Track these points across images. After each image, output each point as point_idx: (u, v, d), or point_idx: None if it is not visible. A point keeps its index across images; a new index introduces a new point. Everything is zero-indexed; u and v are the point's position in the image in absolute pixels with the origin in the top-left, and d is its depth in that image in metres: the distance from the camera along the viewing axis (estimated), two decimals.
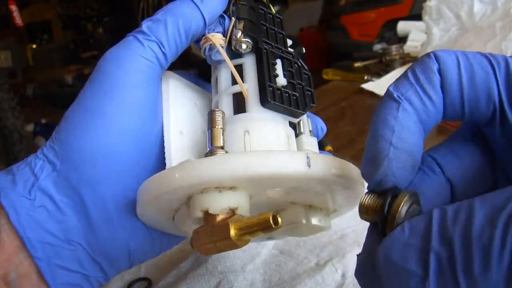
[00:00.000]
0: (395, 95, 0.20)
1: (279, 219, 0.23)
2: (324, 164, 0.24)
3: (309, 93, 0.32)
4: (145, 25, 0.31)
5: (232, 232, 0.23)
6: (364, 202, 0.20)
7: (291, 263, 0.43)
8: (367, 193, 0.21)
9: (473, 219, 0.16)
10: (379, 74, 1.02)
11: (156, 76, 0.31)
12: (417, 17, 1.10)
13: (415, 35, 1.17)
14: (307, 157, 0.24)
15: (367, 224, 0.22)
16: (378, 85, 0.95)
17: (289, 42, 0.35)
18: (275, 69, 0.31)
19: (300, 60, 0.34)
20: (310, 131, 0.34)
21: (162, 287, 0.42)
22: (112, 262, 0.30)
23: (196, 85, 0.37)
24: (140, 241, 0.31)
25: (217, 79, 0.33)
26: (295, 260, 0.43)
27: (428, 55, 0.20)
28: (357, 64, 1.10)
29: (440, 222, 0.16)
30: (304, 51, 0.36)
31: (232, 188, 0.25)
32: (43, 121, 2.15)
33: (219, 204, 0.24)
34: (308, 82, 0.33)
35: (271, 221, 0.22)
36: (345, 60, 1.41)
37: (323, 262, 0.42)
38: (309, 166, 0.24)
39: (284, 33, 0.35)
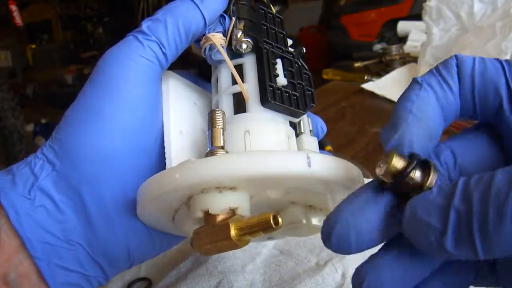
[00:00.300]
0: (419, 79, 0.22)
1: (280, 219, 0.23)
2: (325, 164, 0.24)
3: (310, 93, 0.32)
4: (145, 25, 0.31)
5: (233, 232, 0.23)
6: (392, 164, 0.20)
7: (291, 263, 0.43)
8: (386, 156, 0.21)
9: (493, 181, 0.17)
10: (379, 74, 1.02)
11: (156, 75, 0.31)
12: (417, 17, 1.10)
13: (415, 35, 1.18)
14: (308, 157, 0.24)
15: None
16: (378, 85, 0.95)
17: (290, 42, 0.35)
18: (275, 69, 0.31)
19: (300, 60, 0.34)
20: (310, 131, 0.34)
21: (162, 287, 0.42)
22: (112, 262, 0.30)
23: (196, 85, 0.37)
24: (140, 241, 0.31)
25: (217, 79, 0.33)
26: (295, 260, 0.43)
27: (450, 56, 0.23)
28: (357, 64, 1.10)
29: (464, 185, 0.18)
30: (305, 51, 0.36)
31: (232, 188, 0.25)
32: (43, 121, 2.15)
33: (220, 204, 0.24)
34: (309, 82, 0.33)
35: (271, 221, 0.22)
36: (345, 60, 1.41)
37: (323, 262, 0.42)
38: (309, 165, 0.24)
39: (284, 33, 0.35)
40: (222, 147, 0.26)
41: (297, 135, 0.32)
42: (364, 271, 0.21)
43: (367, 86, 0.96)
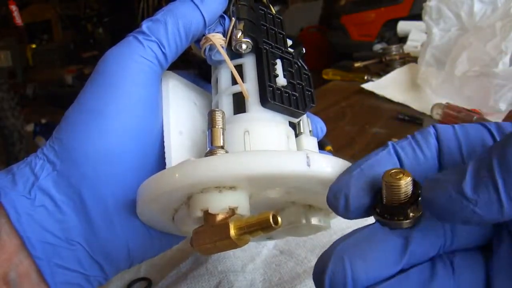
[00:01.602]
0: (389, 143, 0.23)
1: (279, 219, 0.23)
2: (324, 164, 0.24)
3: (309, 93, 0.32)
4: (145, 25, 0.31)
5: (232, 231, 0.23)
6: (402, 186, 0.20)
7: (291, 263, 0.43)
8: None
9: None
10: (379, 74, 1.03)
11: (156, 76, 0.31)
12: (417, 17, 1.10)
13: (415, 35, 1.18)
14: (307, 157, 0.24)
15: (367, 224, 0.22)
16: (378, 85, 0.95)
17: (289, 42, 0.35)
18: (275, 69, 0.31)
19: (300, 60, 0.34)
20: (310, 131, 0.34)
21: (162, 287, 0.42)
22: (111, 261, 0.30)
23: (196, 85, 0.37)
24: (140, 241, 0.31)
25: (217, 79, 0.33)
26: (295, 260, 0.43)
27: (428, 126, 0.23)
28: (357, 64, 1.11)
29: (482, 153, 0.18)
30: (304, 52, 0.36)
31: (232, 187, 0.25)
32: (43, 121, 2.15)
33: (219, 203, 0.24)
34: (308, 82, 0.33)
35: (271, 220, 0.22)
36: (345, 60, 1.41)
37: None
38: (309, 165, 0.24)
39: (284, 34, 0.35)
40: (222, 147, 0.26)
41: (296, 136, 0.32)
42: (328, 256, 0.21)
43: (367, 86, 0.96)
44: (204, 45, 0.32)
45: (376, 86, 0.95)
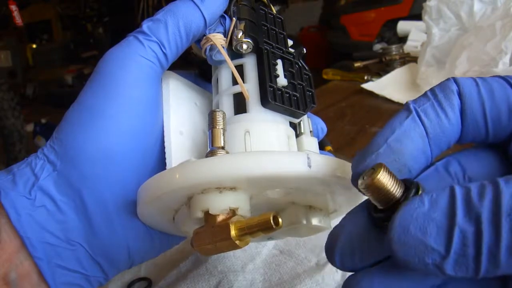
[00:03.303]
0: (411, 106, 0.20)
1: (280, 220, 0.23)
2: (325, 165, 0.24)
3: (310, 93, 0.32)
4: (146, 25, 0.30)
5: (233, 232, 0.23)
6: (382, 180, 0.18)
7: (291, 263, 0.43)
8: (379, 166, 0.19)
9: (501, 196, 0.15)
10: (379, 74, 1.02)
11: (157, 76, 0.31)
12: (417, 17, 1.10)
13: (415, 35, 1.18)
14: (308, 158, 0.24)
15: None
16: (378, 85, 0.95)
17: (290, 42, 0.35)
18: (275, 69, 0.31)
19: (300, 60, 0.34)
20: (310, 131, 0.34)
21: (162, 287, 0.42)
22: (112, 262, 0.30)
23: (196, 85, 0.37)
24: (140, 241, 0.31)
25: (217, 79, 0.33)
26: (295, 260, 0.43)
27: (447, 79, 0.21)
28: (357, 64, 1.10)
29: (465, 198, 0.16)
30: (305, 52, 0.36)
31: (232, 188, 0.25)
32: (43, 121, 2.15)
33: (220, 204, 0.24)
34: (309, 83, 0.33)
35: (271, 221, 0.22)
36: (345, 60, 1.41)
37: (323, 262, 0.42)
38: (309, 166, 0.24)
39: (284, 34, 0.35)
40: (223, 148, 0.26)
41: (297, 136, 0.32)
42: (357, 279, 0.20)
43: (367, 86, 0.96)
44: (205, 45, 0.32)
45: (376, 86, 0.95)
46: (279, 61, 0.32)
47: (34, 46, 3.27)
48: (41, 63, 3.20)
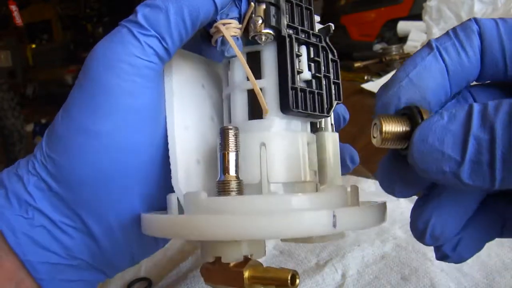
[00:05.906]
0: (433, 44, 0.21)
1: (297, 280, 0.22)
2: (351, 222, 0.22)
3: (336, 86, 0.29)
4: (142, 13, 0.25)
5: (246, 281, 0.22)
6: (388, 129, 0.19)
7: (291, 263, 0.43)
8: (378, 120, 0.20)
9: None
10: (379, 74, 1.02)
11: (157, 76, 0.27)
12: (417, 17, 1.10)
13: (415, 35, 1.17)
14: (334, 216, 0.22)
15: None
16: (378, 85, 0.95)
17: (317, 18, 0.31)
18: (299, 61, 0.27)
19: (328, 42, 0.30)
20: (331, 124, 0.31)
21: (162, 287, 0.42)
22: (114, 267, 0.30)
23: (202, 56, 0.32)
24: (145, 247, 0.30)
25: (229, 64, 0.29)
26: (295, 260, 0.43)
27: (469, 19, 0.22)
28: (357, 64, 1.10)
29: (482, 111, 0.16)
30: (333, 29, 0.30)
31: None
32: (43, 121, 2.14)
33: (233, 254, 0.23)
34: (335, 71, 0.30)
35: (289, 281, 0.21)
36: (345, 60, 1.41)
37: (323, 262, 0.42)
38: (334, 226, 0.22)
39: (311, 9, 0.29)
40: (236, 177, 0.24)
41: (317, 130, 0.30)
42: (426, 213, 0.20)
43: (367, 86, 0.96)
44: (215, 36, 0.27)
45: (376, 86, 0.95)
46: (304, 48, 0.28)
47: (34, 46, 3.26)
48: (41, 63, 3.19)
